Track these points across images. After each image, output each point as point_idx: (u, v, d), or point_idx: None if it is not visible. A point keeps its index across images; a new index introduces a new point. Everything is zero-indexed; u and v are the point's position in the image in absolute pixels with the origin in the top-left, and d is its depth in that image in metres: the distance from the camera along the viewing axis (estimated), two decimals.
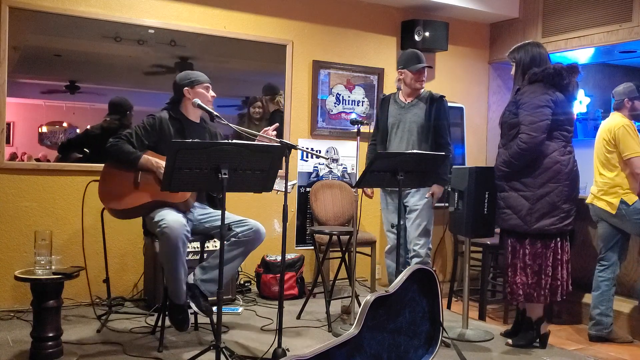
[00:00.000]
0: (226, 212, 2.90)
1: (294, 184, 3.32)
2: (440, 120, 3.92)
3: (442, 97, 3.97)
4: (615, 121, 3.87)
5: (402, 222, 3.92)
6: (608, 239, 3.88)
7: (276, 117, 4.98)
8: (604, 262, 3.89)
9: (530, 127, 3.44)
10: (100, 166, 4.12)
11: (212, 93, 3.54)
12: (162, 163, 3.06)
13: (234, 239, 3.30)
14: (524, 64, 3.62)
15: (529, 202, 3.50)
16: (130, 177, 3.34)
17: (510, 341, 3.70)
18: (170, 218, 3.15)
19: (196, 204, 3.49)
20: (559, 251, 3.56)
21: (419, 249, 3.90)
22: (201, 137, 3.48)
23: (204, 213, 3.48)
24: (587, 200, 3.97)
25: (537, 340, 3.67)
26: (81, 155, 4.36)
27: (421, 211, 3.92)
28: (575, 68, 3.58)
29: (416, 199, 3.94)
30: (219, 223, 2.91)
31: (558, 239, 3.56)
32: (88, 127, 4.40)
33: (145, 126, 3.42)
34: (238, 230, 3.31)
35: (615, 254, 3.88)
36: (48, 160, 4.27)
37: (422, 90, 4.00)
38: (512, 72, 3.74)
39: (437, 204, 4.03)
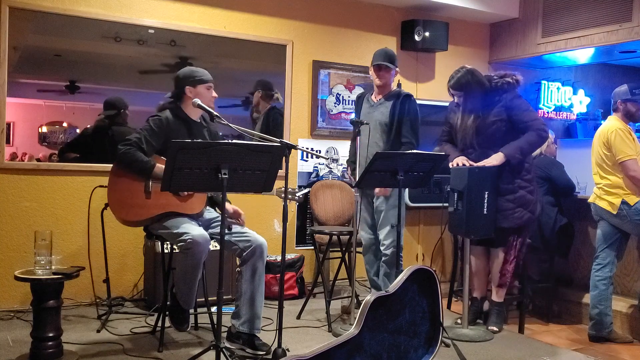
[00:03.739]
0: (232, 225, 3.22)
1: (306, 193, 3.31)
2: (403, 117, 3.87)
3: (408, 95, 3.96)
4: (609, 125, 3.95)
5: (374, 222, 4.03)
6: (606, 237, 3.91)
7: (275, 116, 4.97)
8: (600, 261, 3.92)
9: (540, 120, 3.83)
10: (99, 166, 4.18)
11: (213, 93, 3.39)
12: None
13: (239, 260, 3.28)
14: (476, 86, 3.77)
15: (532, 195, 3.80)
16: (141, 186, 3.23)
17: (495, 327, 3.84)
18: (195, 233, 3.08)
19: None
20: None
21: (384, 249, 3.94)
22: (204, 137, 3.41)
23: (212, 217, 3.42)
24: (590, 200, 4.01)
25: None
26: (78, 155, 4.34)
27: (385, 212, 3.92)
28: None
29: (380, 201, 3.95)
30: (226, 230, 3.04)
31: None
32: (83, 127, 4.40)
33: (153, 128, 3.25)
34: (240, 246, 3.25)
35: (612, 253, 3.91)
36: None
37: (393, 89, 4.02)
38: (457, 100, 3.84)
39: (434, 204, 4.02)
